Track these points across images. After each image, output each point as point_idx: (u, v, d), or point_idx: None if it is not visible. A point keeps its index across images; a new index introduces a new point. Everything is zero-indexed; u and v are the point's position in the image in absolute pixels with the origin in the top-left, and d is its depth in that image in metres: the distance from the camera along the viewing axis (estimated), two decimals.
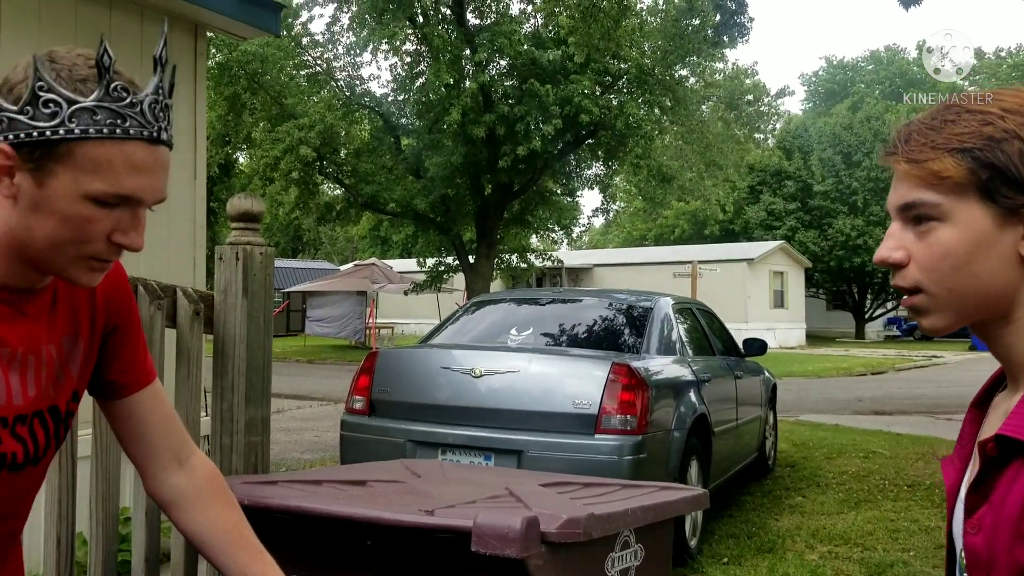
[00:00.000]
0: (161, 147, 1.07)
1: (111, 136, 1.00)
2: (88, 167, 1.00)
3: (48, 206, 1.01)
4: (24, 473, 1.17)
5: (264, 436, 2.33)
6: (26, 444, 1.15)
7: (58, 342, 1.18)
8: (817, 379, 17.40)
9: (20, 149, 1.00)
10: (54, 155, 1.00)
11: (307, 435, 9.26)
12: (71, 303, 1.21)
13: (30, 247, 1.05)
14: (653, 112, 19.14)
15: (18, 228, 1.04)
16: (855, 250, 31.48)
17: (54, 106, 0.99)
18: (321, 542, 1.95)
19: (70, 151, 1.00)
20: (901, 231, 0.90)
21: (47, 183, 1.01)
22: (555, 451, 4.26)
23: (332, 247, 46.96)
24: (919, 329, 1.08)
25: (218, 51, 18.19)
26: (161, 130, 1.06)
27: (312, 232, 41.28)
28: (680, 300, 6.06)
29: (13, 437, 1.13)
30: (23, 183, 1.01)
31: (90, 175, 1.00)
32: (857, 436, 9.22)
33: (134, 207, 1.06)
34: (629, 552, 2.07)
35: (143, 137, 1.03)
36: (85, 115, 1.00)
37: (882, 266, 0.92)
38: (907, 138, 0.89)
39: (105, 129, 1.00)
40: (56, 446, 1.22)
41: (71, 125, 0.99)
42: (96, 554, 2.03)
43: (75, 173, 1.00)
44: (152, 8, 4.39)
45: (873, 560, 4.69)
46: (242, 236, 2.31)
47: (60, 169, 1.00)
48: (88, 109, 1.00)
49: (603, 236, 51.08)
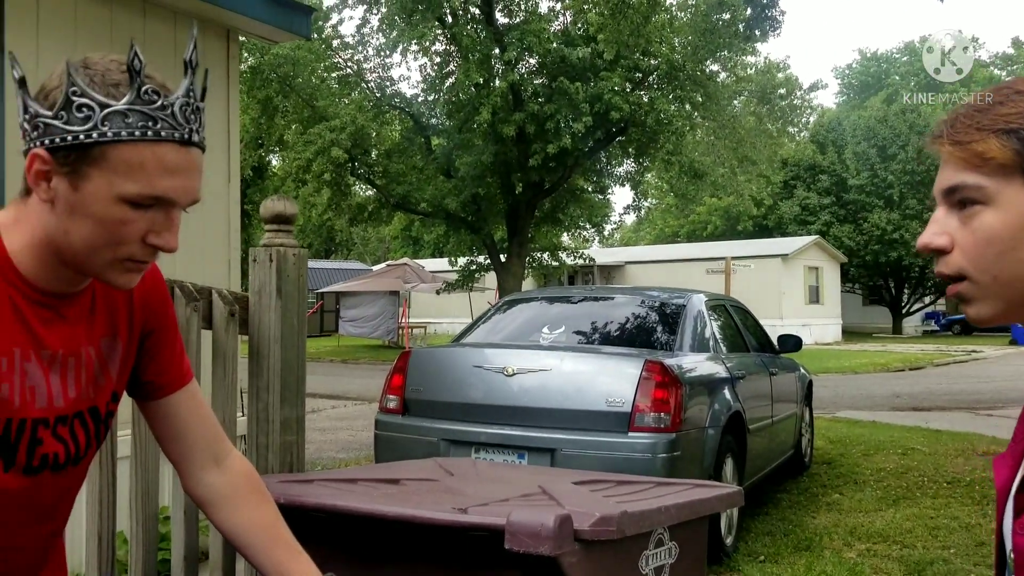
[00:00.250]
0: (193, 149, 1.08)
1: (143, 138, 1.02)
2: (121, 169, 1.02)
3: (84, 209, 1.03)
4: (66, 473, 1.19)
5: (299, 435, 2.35)
6: (67, 444, 1.17)
7: (97, 344, 1.21)
8: (854, 375, 17.17)
9: (56, 153, 1.03)
10: (88, 158, 1.02)
11: (342, 434, 9.33)
12: (109, 306, 1.23)
13: (68, 250, 1.07)
14: (684, 108, 19.03)
15: (56, 232, 1.06)
16: (891, 244, 31.01)
17: (87, 110, 1.01)
18: (356, 540, 1.96)
19: (103, 154, 1.02)
20: (945, 216, 0.87)
21: (82, 186, 1.03)
22: (588, 449, 4.25)
23: (364, 248, 47.26)
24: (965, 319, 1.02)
25: (250, 55, 18.39)
26: (192, 132, 1.07)
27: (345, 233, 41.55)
28: (713, 297, 6.02)
29: (55, 438, 1.15)
30: (60, 187, 1.04)
31: (123, 177, 1.02)
32: (895, 432, 9.08)
33: (168, 208, 1.08)
34: (663, 550, 2.06)
35: (174, 139, 1.05)
36: (117, 118, 1.02)
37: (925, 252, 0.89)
38: (953, 121, 0.86)
39: (137, 132, 1.02)
40: (96, 446, 1.24)
41: (104, 128, 1.01)
42: (136, 553, 2.06)
43: (109, 176, 1.02)
44: (185, 14, 4.45)
45: (912, 558, 4.62)
46: (275, 238, 2.33)
47: (94, 172, 1.02)
48: (120, 112, 1.02)
49: (635, 233, 50.84)
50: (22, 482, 1.13)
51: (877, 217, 31.48)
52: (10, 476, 1.11)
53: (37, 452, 1.13)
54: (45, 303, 1.12)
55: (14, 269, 1.09)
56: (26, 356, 1.10)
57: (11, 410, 1.10)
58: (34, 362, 1.11)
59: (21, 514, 1.15)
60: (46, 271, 1.11)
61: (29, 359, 1.10)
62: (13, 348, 1.08)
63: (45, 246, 1.08)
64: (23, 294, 1.09)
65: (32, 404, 1.12)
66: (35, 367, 1.11)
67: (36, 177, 1.05)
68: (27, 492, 1.14)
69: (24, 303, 1.10)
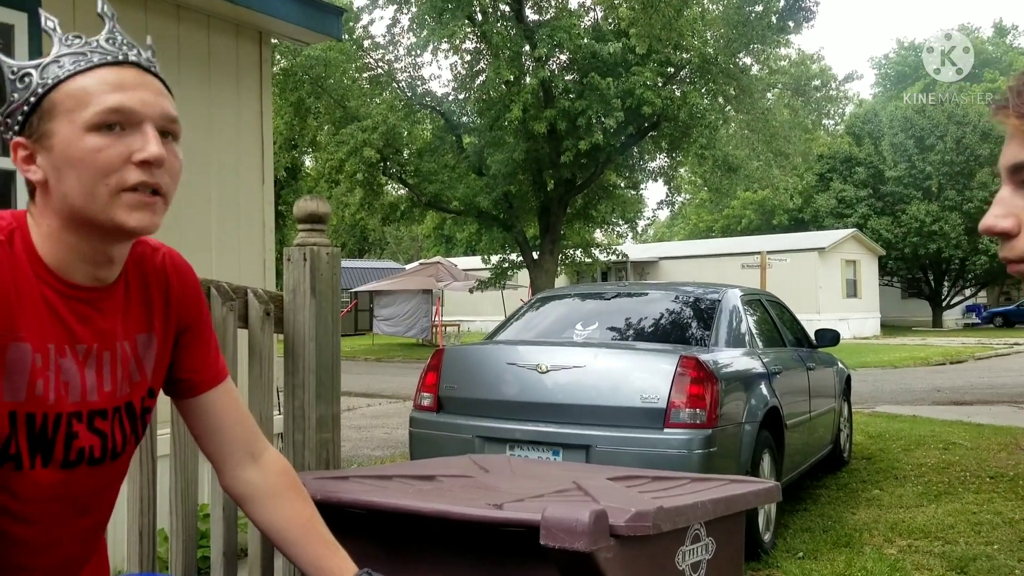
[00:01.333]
0: (132, 67, 1.12)
1: (77, 71, 1.09)
2: (71, 104, 1.07)
3: (64, 160, 1.08)
4: (103, 467, 1.21)
5: (335, 433, 2.37)
6: (104, 439, 1.19)
7: (132, 339, 1.22)
8: (893, 369, 16.91)
9: (25, 132, 1.10)
10: (44, 114, 1.08)
11: (377, 432, 9.40)
12: (144, 302, 1.25)
13: (73, 212, 1.09)
14: (717, 101, 18.84)
15: (59, 203, 1.09)
16: (930, 236, 30.50)
17: (27, 77, 1.09)
18: (391, 535, 1.97)
19: (52, 102, 1.08)
20: (1012, 196, 0.78)
21: (54, 144, 1.08)
22: (624, 446, 4.23)
23: (397, 247, 47.52)
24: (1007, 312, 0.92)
25: (282, 57, 18.56)
26: (126, 55, 1.12)
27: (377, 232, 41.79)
28: (749, 291, 5.96)
29: (91, 431, 1.17)
30: (42, 161, 1.09)
31: (77, 110, 1.07)
32: (936, 427, 8.93)
33: (138, 125, 1.09)
34: (700, 546, 2.05)
35: (107, 62, 1.10)
36: (51, 67, 1.09)
37: (988, 235, 0.80)
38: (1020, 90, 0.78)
39: (71, 67, 1.09)
40: (135, 442, 1.26)
41: (44, 79, 1.08)
42: (177, 549, 2.09)
43: (66, 116, 1.07)
44: (218, 18, 4.50)
45: (955, 554, 4.54)
46: (309, 237, 2.35)
47: (55, 124, 1.08)
48: (52, 62, 1.10)
49: (668, 229, 50.52)
50: (60, 476, 1.15)
51: (915, 209, 30.97)
52: (48, 471, 1.13)
53: (73, 446, 1.15)
54: (78, 297, 1.14)
55: (44, 266, 1.11)
56: (60, 351, 1.12)
57: (46, 406, 1.12)
58: (69, 357, 1.13)
59: (61, 508, 1.17)
60: (72, 260, 1.12)
61: (64, 354, 1.12)
62: (48, 344, 1.10)
63: (61, 231, 1.11)
64: (55, 289, 1.11)
65: (66, 399, 1.13)
66: (70, 362, 1.13)
67: (24, 163, 1.10)
68: (65, 486, 1.16)
69: (57, 298, 1.11)
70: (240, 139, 4.66)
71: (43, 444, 1.12)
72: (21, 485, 1.12)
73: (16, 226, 1.11)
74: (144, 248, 1.26)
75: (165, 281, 1.29)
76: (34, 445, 1.11)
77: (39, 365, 1.10)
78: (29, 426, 1.10)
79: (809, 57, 22.42)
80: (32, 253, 1.10)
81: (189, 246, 4.39)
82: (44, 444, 1.12)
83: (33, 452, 1.11)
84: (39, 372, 1.10)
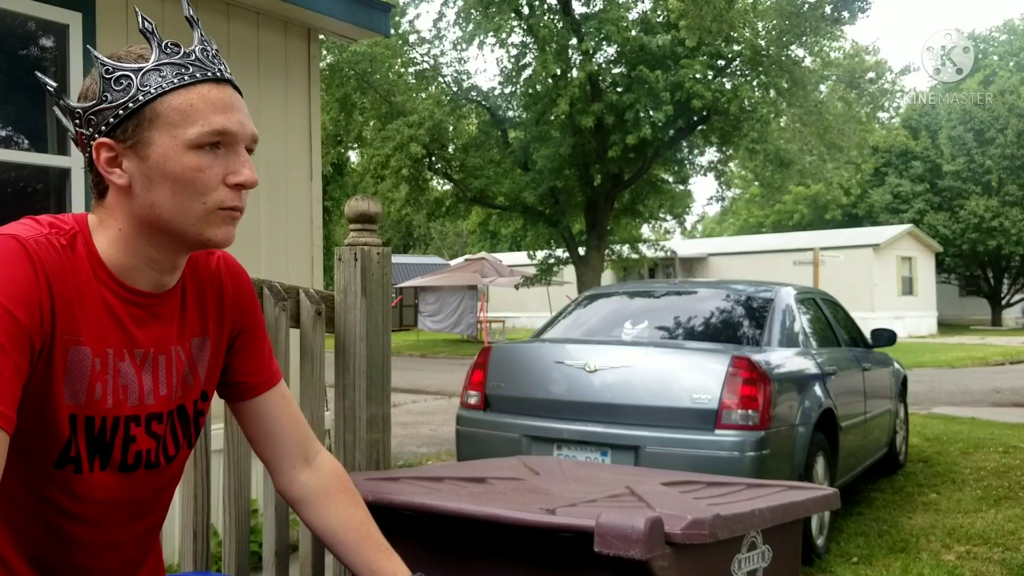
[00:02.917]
0: (228, 86, 1.12)
1: (182, 84, 1.08)
2: (176, 119, 1.07)
3: (160, 173, 1.07)
4: (160, 470, 1.21)
5: (385, 433, 2.36)
6: (160, 442, 1.19)
7: (187, 344, 1.23)
8: (950, 369, 16.49)
9: (115, 134, 1.08)
10: (144, 122, 1.07)
11: (423, 429, 9.43)
12: (200, 306, 1.25)
13: (160, 223, 1.10)
14: (768, 94, 18.52)
15: (144, 211, 1.09)
16: (990, 232, 29.68)
17: (125, 81, 1.08)
18: (442, 537, 1.96)
19: (155, 112, 1.07)
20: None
21: (150, 153, 1.08)
22: (674, 447, 4.17)
23: (442, 242, 47.75)
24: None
25: (328, 53, 18.71)
26: (222, 71, 1.13)
27: (423, 228, 42.09)
28: (802, 290, 5.84)
29: (148, 435, 1.17)
30: (131, 166, 1.08)
31: (181, 125, 1.07)
32: (995, 430, 8.68)
33: (233, 146, 1.11)
34: (756, 553, 2.00)
35: (208, 78, 1.10)
36: (153, 75, 1.08)
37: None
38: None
39: (175, 79, 1.08)
40: (189, 446, 1.26)
41: (145, 87, 1.07)
42: (229, 546, 2.10)
43: (168, 130, 1.07)
44: (267, 15, 4.54)
45: (1016, 561, 4.40)
46: (360, 237, 2.34)
47: (154, 134, 1.07)
48: (153, 69, 1.08)
49: (718, 224, 49.95)
50: (118, 479, 1.15)
51: (974, 204, 30.17)
52: (107, 474, 1.14)
53: (131, 450, 1.15)
54: (137, 302, 1.14)
55: (105, 269, 1.11)
56: (119, 355, 1.12)
57: (105, 409, 1.12)
58: (127, 361, 1.13)
59: (119, 511, 1.18)
60: (137, 265, 1.13)
61: (123, 358, 1.13)
62: (107, 348, 1.11)
63: (134, 235, 1.11)
64: (115, 293, 1.12)
65: (124, 403, 1.14)
66: (128, 366, 1.13)
67: (108, 165, 1.09)
68: (123, 489, 1.17)
69: (117, 302, 1.12)
70: (288, 136, 4.69)
71: (101, 447, 1.13)
72: (81, 487, 1.12)
73: (78, 230, 1.11)
74: (199, 252, 1.26)
75: (220, 285, 1.29)
76: (93, 448, 1.12)
77: (98, 369, 1.10)
78: (88, 429, 1.11)
79: (864, 49, 21.87)
80: (94, 257, 1.11)
81: (239, 244, 4.43)
82: (103, 447, 1.13)
83: (92, 455, 1.12)
84: (98, 376, 1.10)
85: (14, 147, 3.76)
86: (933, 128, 32.73)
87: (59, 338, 1.06)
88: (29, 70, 3.76)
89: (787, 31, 17.29)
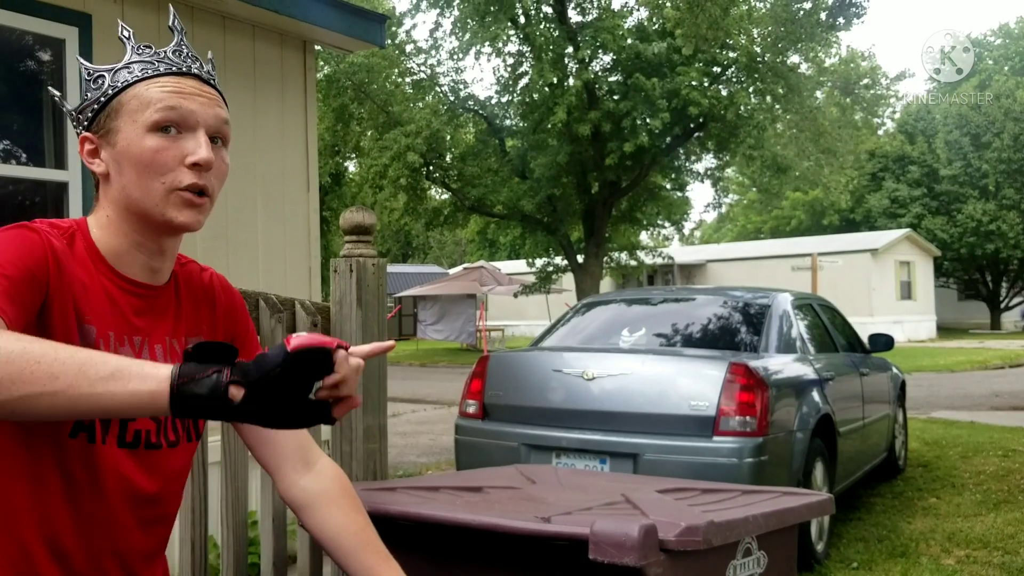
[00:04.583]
0: (191, 78, 1.21)
1: (145, 77, 1.19)
2: (136, 106, 1.18)
3: (126, 157, 1.18)
4: (163, 453, 1.24)
5: (382, 443, 2.37)
6: (159, 424, 1.23)
7: (182, 340, 1.28)
8: (950, 374, 16.49)
9: (92, 128, 1.21)
10: (111, 113, 1.19)
11: (422, 439, 9.42)
12: (194, 312, 1.31)
13: (132, 206, 1.19)
14: (765, 101, 18.56)
15: (119, 195, 1.19)
16: (988, 236, 29.69)
17: (100, 80, 1.20)
18: (439, 546, 1.97)
19: (120, 102, 1.19)
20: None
21: (117, 140, 1.18)
22: (672, 454, 4.17)
23: (441, 251, 47.76)
24: None
25: (325, 64, 18.75)
26: (189, 67, 1.22)
27: (421, 237, 42.08)
28: (799, 295, 5.85)
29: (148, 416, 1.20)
30: (106, 155, 1.20)
31: (141, 111, 1.17)
32: (995, 433, 8.68)
33: (192, 129, 1.19)
34: (751, 560, 2.01)
35: (172, 72, 1.20)
36: (123, 72, 1.20)
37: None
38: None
39: (140, 73, 1.20)
40: (189, 438, 1.30)
41: (115, 82, 1.20)
42: (228, 558, 2.11)
43: (131, 116, 1.18)
44: (263, 28, 4.56)
45: (1015, 565, 4.40)
46: (355, 248, 2.36)
47: (120, 123, 1.18)
48: (124, 67, 1.21)
49: (716, 231, 49.99)
50: (128, 457, 1.19)
51: (972, 208, 30.19)
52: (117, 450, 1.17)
53: (129, 427, 1.19)
54: (135, 292, 1.21)
55: (103, 260, 1.20)
56: (120, 340, 1.19)
57: None
58: (127, 346, 1.19)
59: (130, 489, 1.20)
60: (127, 248, 1.21)
61: (123, 343, 1.19)
62: (109, 331, 1.17)
63: (119, 220, 1.20)
64: (114, 283, 1.19)
65: None
66: (127, 350, 1.19)
67: (89, 156, 1.21)
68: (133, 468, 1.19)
69: (117, 291, 1.19)
70: (285, 147, 4.71)
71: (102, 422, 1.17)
72: (95, 458, 1.16)
73: (76, 229, 1.20)
74: (192, 267, 1.34)
75: (212, 296, 1.35)
76: None
77: (101, 349, 1.15)
78: None
79: (859, 55, 21.91)
80: (93, 251, 1.19)
81: (236, 254, 4.46)
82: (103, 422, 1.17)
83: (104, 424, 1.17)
84: None
85: (12, 161, 3.77)
86: (929, 132, 32.78)
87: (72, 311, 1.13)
88: (27, 85, 3.78)
89: (783, 38, 17.33)
